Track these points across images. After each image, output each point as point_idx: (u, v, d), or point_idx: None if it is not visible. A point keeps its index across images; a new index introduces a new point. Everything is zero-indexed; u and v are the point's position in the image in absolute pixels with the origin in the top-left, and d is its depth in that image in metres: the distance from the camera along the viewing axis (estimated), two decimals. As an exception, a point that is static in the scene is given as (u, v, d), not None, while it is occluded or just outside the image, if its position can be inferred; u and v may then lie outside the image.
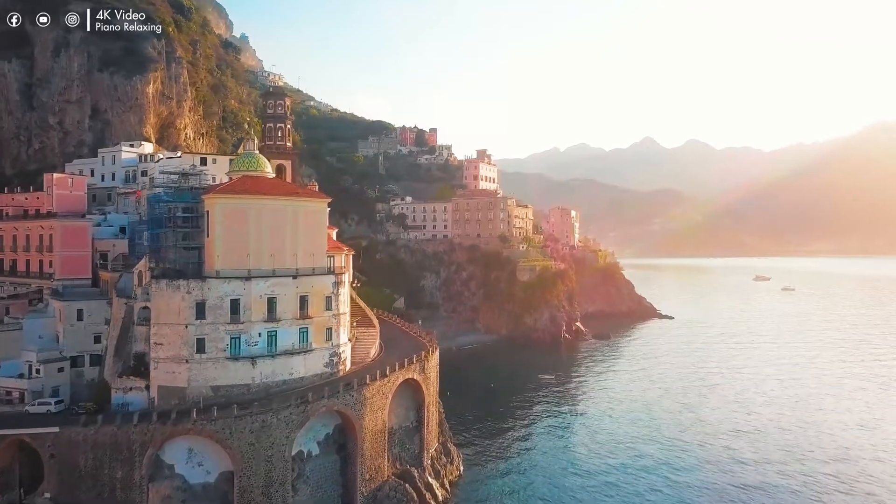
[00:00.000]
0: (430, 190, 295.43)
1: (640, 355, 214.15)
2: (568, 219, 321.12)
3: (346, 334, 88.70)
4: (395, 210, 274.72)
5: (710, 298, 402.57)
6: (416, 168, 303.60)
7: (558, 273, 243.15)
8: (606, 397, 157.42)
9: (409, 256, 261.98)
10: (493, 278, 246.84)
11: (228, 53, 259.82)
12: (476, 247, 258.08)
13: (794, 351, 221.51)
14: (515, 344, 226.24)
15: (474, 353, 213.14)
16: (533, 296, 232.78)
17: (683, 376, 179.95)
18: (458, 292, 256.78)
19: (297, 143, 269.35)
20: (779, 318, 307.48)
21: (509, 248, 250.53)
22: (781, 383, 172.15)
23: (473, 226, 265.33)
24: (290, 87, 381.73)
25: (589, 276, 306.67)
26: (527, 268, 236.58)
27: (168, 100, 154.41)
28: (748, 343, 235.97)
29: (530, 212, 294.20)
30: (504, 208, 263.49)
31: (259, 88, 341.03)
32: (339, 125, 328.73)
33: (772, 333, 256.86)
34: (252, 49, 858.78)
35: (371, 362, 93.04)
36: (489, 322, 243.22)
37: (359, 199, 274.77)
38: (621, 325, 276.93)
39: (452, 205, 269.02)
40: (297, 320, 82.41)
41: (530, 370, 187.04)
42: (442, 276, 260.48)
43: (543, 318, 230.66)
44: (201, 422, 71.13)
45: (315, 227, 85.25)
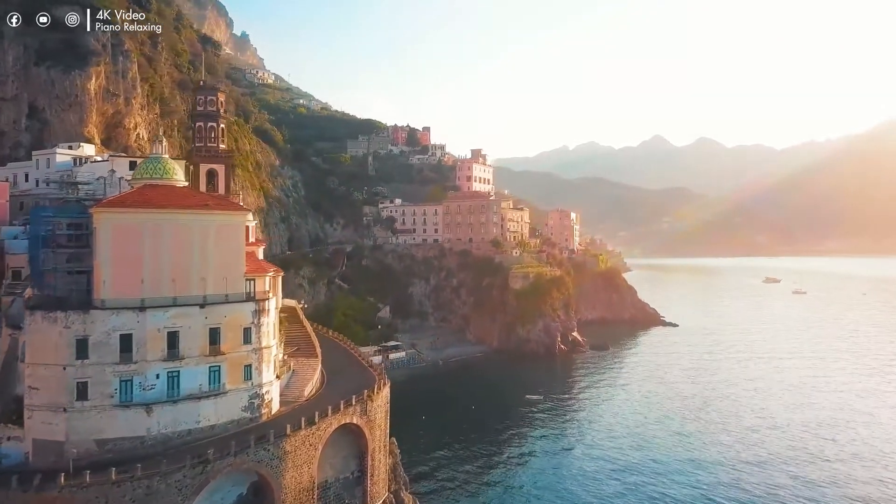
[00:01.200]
0: (422, 192, 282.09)
1: (639, 370, 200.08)
2: (567, 221, 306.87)
3: (271, 371, 75.14)
4: (383, 213, 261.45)
5: (717, 303, 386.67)
6: (407, 169, 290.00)
7: (554, 280, 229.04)
8: (598, 425, 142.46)
9: (398, 262, 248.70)
10: (484, 286, 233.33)
11: (206, 49, 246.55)
12: (467, 252, 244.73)
13: (807, 364, 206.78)
14: (507, 356, 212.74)
15: (461, 367, 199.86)
16: (526, 305, 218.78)
17: (684, 398, 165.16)
18: (448, 300, 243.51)
19: (280, 143, 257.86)
20: (789, 325, 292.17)
21: (502, 254, 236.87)
22: (794, 406, 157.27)
23: (465, 230, 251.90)
24: (279, 86, 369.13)
25: (589, 281, 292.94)
26: (520, 275, 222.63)
27: (114, 97, 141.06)
28: (756, 356, 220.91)
29: (526, 214, 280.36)
30: (497, 211, 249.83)
31: (246, 86, 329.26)
32: (328, 124, 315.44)
33: (781, 344, 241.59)
34: (253, 47, 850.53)
35: (305, 402, 79.42)
36: (480, 332, 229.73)
37: (345, 202, 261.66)
38: (622, 334, 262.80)
39: (443, 207, 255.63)
40: (207, 357, 68.86)
41: (518, 387, 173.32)
42: (432, 282, 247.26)
43: (537, 329, 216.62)
44: (70, 488, 57.62)
45: (230, 246, 71.61)
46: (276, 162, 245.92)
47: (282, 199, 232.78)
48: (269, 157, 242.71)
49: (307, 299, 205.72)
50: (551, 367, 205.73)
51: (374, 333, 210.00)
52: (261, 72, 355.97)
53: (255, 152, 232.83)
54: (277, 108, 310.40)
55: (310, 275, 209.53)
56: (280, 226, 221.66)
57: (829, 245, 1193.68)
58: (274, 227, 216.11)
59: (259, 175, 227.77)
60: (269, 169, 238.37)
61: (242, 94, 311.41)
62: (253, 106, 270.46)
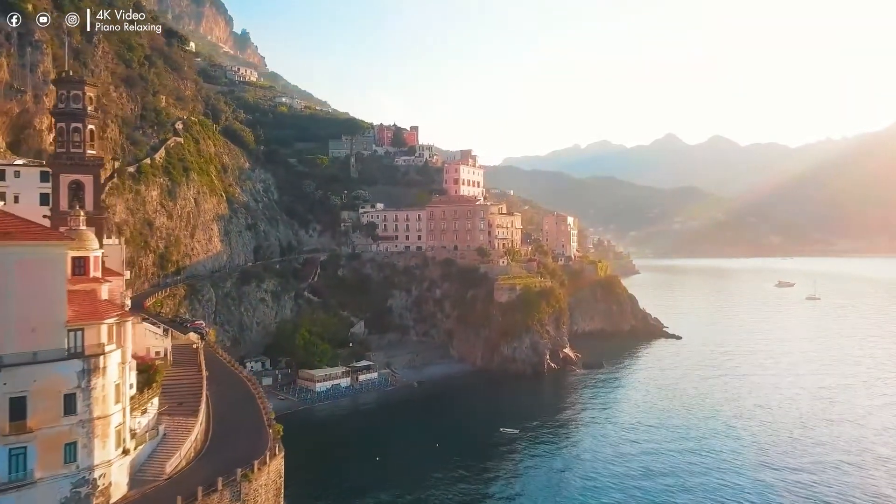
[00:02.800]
0: (408, 195, 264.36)
1: (635, 394, 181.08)
2: (564, 226, 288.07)
3: (111, 447, 57.55)
4: (363, 218, 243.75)
5: (726, 311, 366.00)
6: (392, 171, 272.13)
7: (543, 292, 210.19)
8: (576, 473, 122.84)
9: (377, 272, 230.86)
10: (468, 298, 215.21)
11: (172, 44, 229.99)
12: (451, 261, 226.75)
13: (823, 386, 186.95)
14: (490, 377, 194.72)
15: (437, 390, 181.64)
16: (512, 320, 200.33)
17: (681, 434, 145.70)
18: (430, 313, 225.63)
19: (251, 143, 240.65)
20: (802, 338, 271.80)
21: (488, 263, 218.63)
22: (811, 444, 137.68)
23: (450, 236, 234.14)
24: (262, 84, 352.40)
25: (587, 290, 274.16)
26: (505, 287, 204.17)
27: (19, 93, 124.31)
28: (765, 376, 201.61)
29: (518, 220, 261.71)
30: (484, 217, 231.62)
31: (225, 84, 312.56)
32: (309, 123, 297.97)
33: (793, 361, 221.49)
34: (253, 45, 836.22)
35: (167, 480, 61.57)
36: (464, 349, 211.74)
37: (322, 207, 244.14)
38: (620, 348, 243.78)
39: (427, 213, 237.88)
40: (6, 437, 51.59)
41: (495, 416, 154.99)
42: (413, 294, 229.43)
43: (523, 346, 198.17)
44: None
45: (42, 287, 53.94)
46: (246, 164, 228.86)
47: (249, 205, 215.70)
48: (238, 160, 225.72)
49: (270, 317, 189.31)
50: (537, 389, 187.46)
51: (344, 352, 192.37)
52: (243, 68, 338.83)
53: (222, 154, 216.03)
54: (256, 106, 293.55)
55: (273, 288, 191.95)
56: (245, 234, 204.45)
57: (845, 245, 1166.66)
58: (237, 235, 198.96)
59: (225, 179, 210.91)
60: (238, 172, 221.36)
61: (219, 93, 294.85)
62: (226, 105, 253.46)
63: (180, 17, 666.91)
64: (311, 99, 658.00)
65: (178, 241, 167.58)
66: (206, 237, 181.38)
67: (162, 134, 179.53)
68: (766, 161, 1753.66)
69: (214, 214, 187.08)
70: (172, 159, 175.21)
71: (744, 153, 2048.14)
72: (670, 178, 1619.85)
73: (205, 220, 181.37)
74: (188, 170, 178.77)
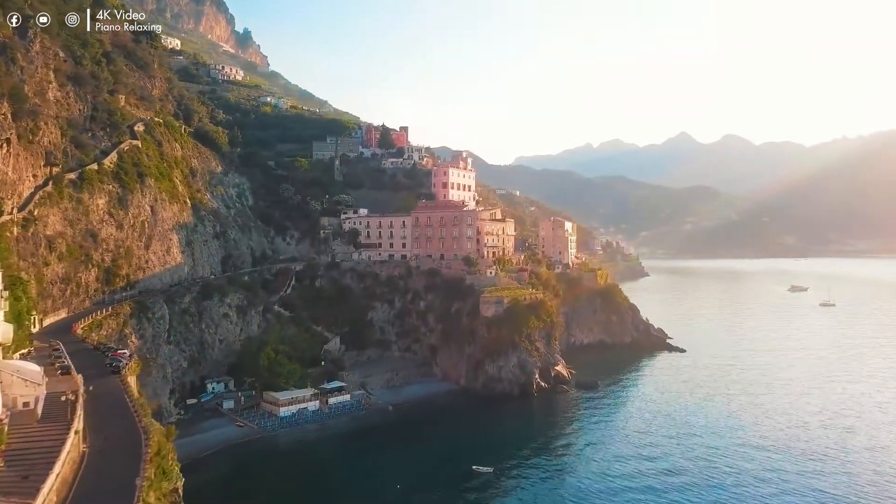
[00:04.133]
0: (395, 200, 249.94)
1: (629, 419, 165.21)
2: (561, 232, 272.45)
3: None
4: (345, 225, 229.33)
5: (734, 319, 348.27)
6: (379, 174, 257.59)
7: (533, 305, 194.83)
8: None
9: (357, 282, 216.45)
10: (453, 312, 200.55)
11: (141, 40, 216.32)
12: (436, 271, 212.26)
13: (836, 412, 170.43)
14: (474, 398, 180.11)
15: (413, 415, 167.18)
16: (498, 336, 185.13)
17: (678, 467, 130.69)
18: (413, 327, 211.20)
19: (225, 146, 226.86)
20: (815, 350, 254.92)
21: (474, 274, 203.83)
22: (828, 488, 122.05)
23: (436, 244, 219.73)
24: (249, 83, 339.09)
25: (585, 300, 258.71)
26: (492, 300, 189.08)
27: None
28: (772, 397, 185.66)
29: (510, 226, 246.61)
30: (472, 223, 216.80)
31: (207, 84, 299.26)
32: (294, 124, 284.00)
33: (804, 381, 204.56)
34: (256, 44, 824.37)
35: None
36: (447, 367, 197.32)
37: (301, 213, 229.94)
38: (619, 363, 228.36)
39: (412, 219, 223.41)
40: None
41: (471, 448, 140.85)
42: (396, 306, 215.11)
43: (510, 365, 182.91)
44: None
45: None
46: (219, 168, 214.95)
47: (219, 212, 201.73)
48: (210, 163, 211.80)
49: (235, 333, 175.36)
50: (524, 413, 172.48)
51: (315, 372, 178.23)
52: (229, 67, 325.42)
53: (190, 158, 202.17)
54: (237, 106, 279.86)
55: (239, 302, 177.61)
56: (212, 243, 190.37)
57: (861, 245, 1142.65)
58: (202, 245, 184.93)
59: (193, 184, 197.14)
60: (208, 176, 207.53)
61: (200, 92, 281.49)
62: (202, 105, 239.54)
63: (179, 16, 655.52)
64: (310, 99, 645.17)
65: (129, 253, 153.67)
66: (164, 248, 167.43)
67: (116, 136, 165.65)
68: (781, 160, 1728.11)
69: (175, 223, 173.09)
70: (126, 164, 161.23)
71: (757, 152, 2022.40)
72: (683, 178, 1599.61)
73: (163, 229, 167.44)
74: (144, 175, 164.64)
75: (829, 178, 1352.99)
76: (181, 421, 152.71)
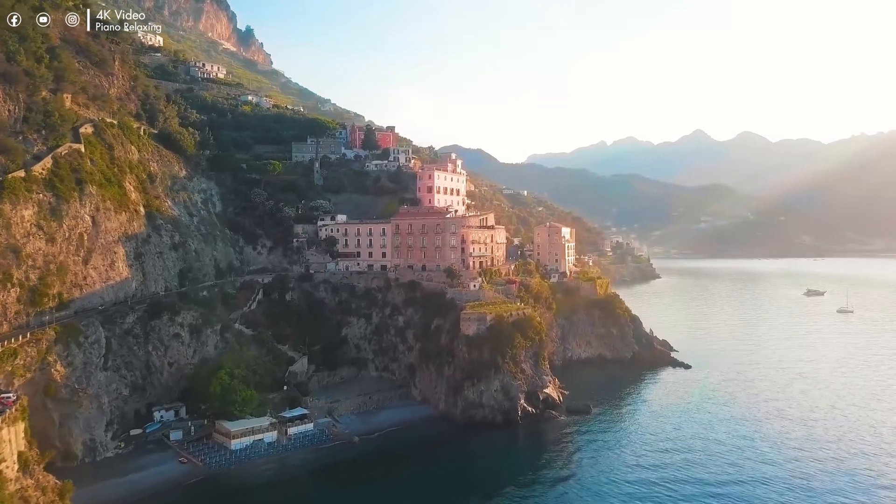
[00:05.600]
0: (378, 205, 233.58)
1: (622, 452, 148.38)
2: (558, 238, 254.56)
3: None
4: (322, 232, 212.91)
5: (745, 328, 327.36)
6: (362, 177, 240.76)
7: (519, 322, 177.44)
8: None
9: (331, 296, 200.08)
10: (433, 329, 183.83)
11: (100, 35, 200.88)
12: (416, 284, 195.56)
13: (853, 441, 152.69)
14: (452, 426, 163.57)
15: (382, 447, 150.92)
16: (479, 357, 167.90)
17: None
18: (391, 345, 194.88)
19: (190, 148, 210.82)
20: (831, 364, 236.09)
21: (456, 287, 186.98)
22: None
23: (418, 254, 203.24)
24: (226, 81, 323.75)
25: (584, 311, 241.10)
26: (473, 317, 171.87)
27: None
28: (781, 423, 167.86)
29: (500, 233, 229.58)
30: (456, 231, 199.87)
31: (185, 82, 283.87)
32: (274, 125, 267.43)
33: (817, 405, 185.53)
34: (258, 42, 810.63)
35: None
36: (426, 390, 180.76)
37: (274, 220, 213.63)
38: (617, 382, 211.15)
39: (391, 227, 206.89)
40: None
41: (446, 488, 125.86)
42: (374, 321, 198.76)
43: (491, 390, 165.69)
44: None
45: None
46: (182, 173, 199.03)
47: (181, 220, 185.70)
48: (172, 167, 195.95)
49: (187, 356, 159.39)
50: (507, 444, 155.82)
51: (276, 397, 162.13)
52: (210, 65, 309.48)
53: (149, 162, 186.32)
54: (214, 106, 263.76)
55: (193, 321, 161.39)
56: (168, 255, 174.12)
57: (880, 244, 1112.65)
58: (155, 257, 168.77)
59: (151, 190, 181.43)
60: (170, 182, 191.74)
61: (176, 91, 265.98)
62: (172, 105, 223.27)
63: (178, 14, 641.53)
64: (309, 97, 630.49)
65: (62, 269, 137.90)
66: (107, 262, 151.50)
67: (53, 139, 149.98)
68: (798, 157, 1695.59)
69: (122, 234, 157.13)
70: (62, 170, 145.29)
71: (774, 149, 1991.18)
72: (698, 176, 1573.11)
73: (106, 241, 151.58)
74: (84, 182, 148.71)
75: (847, 176, 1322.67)
76: (119, 456, 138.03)
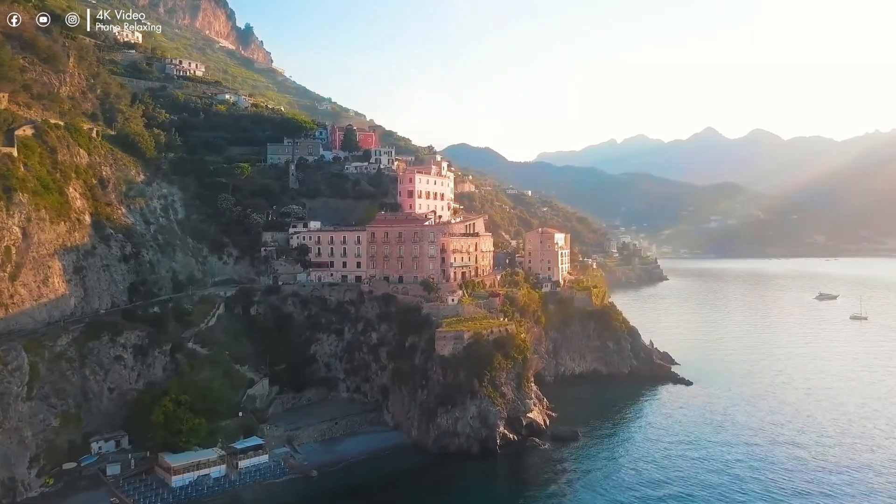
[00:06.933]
0: (357, 210, 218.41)
1: (609, 486, 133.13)
2: (551, 245, 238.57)
3: None
4: (293, 240, 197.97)
5: (754, 336, 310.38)
6: (340, 180, 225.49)
7: (501, 341, 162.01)
8: None
9: (300, 310, 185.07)
10: (407, 347, 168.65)
11: (55, 29, 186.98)
12: (391, 297, 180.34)
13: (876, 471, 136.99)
14: (424, 456, 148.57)
15: (342, 483, 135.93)
16: (455, 380, 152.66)
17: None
18: (364, 363, 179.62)
19: (149, 150, 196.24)
20: (844, 381, 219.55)
21: (434, 301, 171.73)
22: None
23: (394, 264, 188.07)
24: (203, 79, 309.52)
25: (578, 323, 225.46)
26: (449, 335, 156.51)
27: None
28: (789, 449, 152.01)
29: (486, 241, 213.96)
30: (435, 240, 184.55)
31: (158, 80, 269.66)
32: (250, 125, 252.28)
33: (828, 430, 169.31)
34: (258, 40, 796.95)
35: None
36: (400, 414, 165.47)
37: (241, 227, 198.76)
38: (611, 401, 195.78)
39: (367, 234, 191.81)
40: None
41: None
42: (346, 337, 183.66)
43: (467, 417, 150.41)
44: None
45: None
46: (140, 177, 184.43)
47: (135, 229, 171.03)
48: (128, 172, 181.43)
49: (131, 380, 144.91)
50: (482, 480, 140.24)
51: (230, 425, 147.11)
52: (188, 62, 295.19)
53: (100, 166, 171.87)
54: (186, 105, 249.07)
55: (138, 341, 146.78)
56: (117, 268, 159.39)
57: (893, 244, 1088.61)
58: (101, 271, 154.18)
59: (103, 197, 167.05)
60: (125, 187, 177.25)
61: (147, 90, 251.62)
62: (126, 105, 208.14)
63: (174, 11, 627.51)
64: (306, 95, 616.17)
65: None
66: (40, 278, 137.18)
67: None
68: (810, 155, 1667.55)
69: (59, 246, 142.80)
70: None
71: (786, 147, 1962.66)
72: (708, 174, 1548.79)
73: (39, 255, 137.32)
74: (13, 190, 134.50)
75: (861, 173, 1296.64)
76: (44, 495, 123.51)
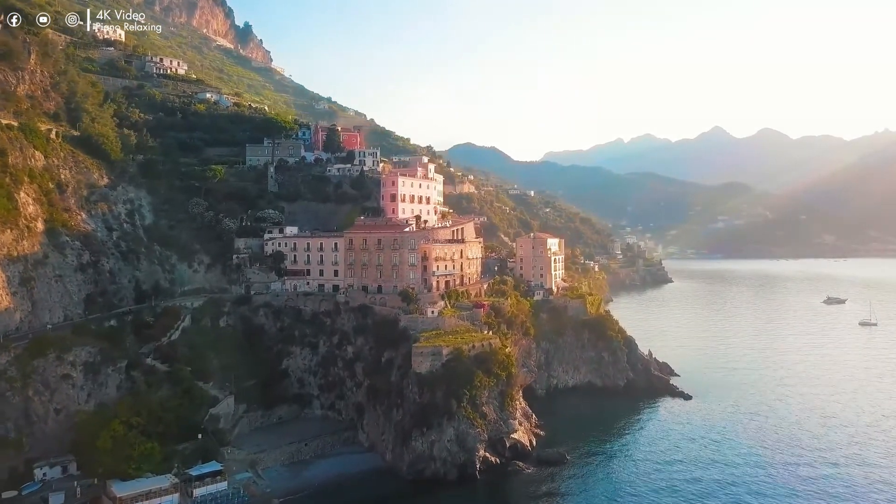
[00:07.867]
0: (339, 214, 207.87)
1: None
2: (543, 251, 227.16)
3: None
4: (268, 247, 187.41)
5: (758, 343, 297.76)
6: (321, 183, 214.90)
7: (482, 357, 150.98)
8: None
9: (272, 321, 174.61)
10: (384, 362, 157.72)
11: (11, 26, 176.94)
12: (368, 308, 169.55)
13: None
14: (398, 481, 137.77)
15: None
16: (432, 400, 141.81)
17: None
18: (339, 379, 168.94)
19: (115, 153, 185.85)
20: (852, 395, 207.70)
21: (413, 312, 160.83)
22: None
23: (373, 273, 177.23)
24: (184, 77, 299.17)
25: (571, 333, 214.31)
26: (427, 351, 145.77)
27: None
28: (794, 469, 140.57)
29: (474, 248, 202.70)
30: (416, 248, 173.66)
31: (137, 78, 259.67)
32: (229, 125, 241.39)
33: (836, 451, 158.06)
34: (257, 39, 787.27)
35: None
36: (375, 434, 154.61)
37: (213, 233, 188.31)
38: (605, 417, 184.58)
39: (344, 241, 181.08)
40: None
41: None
42: (321, 351, 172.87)
43: (444, 440, 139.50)
44: None
45: None
46: (103, 181, 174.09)
47: (93, 236, 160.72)
48: (90, 175, 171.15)
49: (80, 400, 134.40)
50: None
51: (188, 448, 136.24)
52: (168, 60, 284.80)
53: (59, 169, 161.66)
54: (163, 105, 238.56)
55: (89, 358, 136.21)
56: (72, 278, 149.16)
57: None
58: (52, 282, 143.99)
59: (62, 202, 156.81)
60: (86, 191, 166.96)
61: (124, 88, 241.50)
62: (94, 105, 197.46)
63: (170, 9, 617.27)
64: (305, 95, 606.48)
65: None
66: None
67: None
68: (819, 154, 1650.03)
69: (3, 256, 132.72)
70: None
71: (795, 146, 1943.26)
72: (716, 174, 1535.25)
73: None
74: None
75: (871, 173, 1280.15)
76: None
